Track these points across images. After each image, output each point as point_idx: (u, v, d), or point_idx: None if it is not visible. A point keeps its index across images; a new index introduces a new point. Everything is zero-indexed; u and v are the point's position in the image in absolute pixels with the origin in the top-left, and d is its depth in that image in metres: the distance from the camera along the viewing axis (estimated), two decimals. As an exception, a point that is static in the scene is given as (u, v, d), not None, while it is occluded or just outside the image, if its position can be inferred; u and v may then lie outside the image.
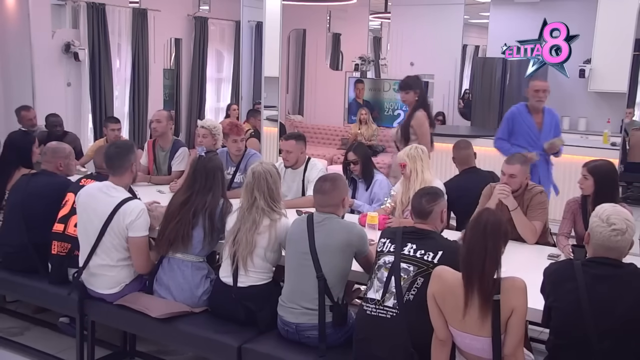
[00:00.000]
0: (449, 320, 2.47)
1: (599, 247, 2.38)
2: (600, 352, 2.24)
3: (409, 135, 4.92)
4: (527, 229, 3.61)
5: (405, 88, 5.08)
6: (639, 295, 2.27)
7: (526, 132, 4.87)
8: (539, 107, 4.85)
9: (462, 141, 4.68)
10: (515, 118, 4.92)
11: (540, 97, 4.81)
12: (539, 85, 4.86)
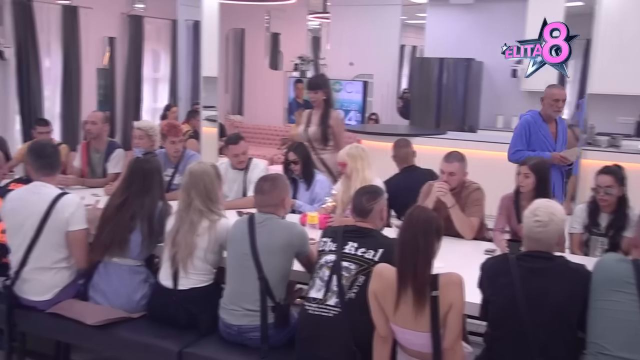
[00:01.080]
0: (390, 317, 2.50)
1: (526, 238, 2.49)
2: (535, 343, 2.31)
3: (328, 135, 4.93)
4: (464, 225, 3.69)
5: (315, 88, 4.98)
6: (569, 287, 2.37)
7: (542, 141, 4.58)
8: (555, 116, 4.62)
9: (401, 140, 4.73)
10: (531, 127, 4.60)
11: (560, 107, 4.55)
12: (559, 95, 4.52)
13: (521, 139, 4.58)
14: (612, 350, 2.19)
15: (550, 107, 4.53)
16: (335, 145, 4.92)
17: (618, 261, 2.37)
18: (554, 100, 4.49)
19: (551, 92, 4.54)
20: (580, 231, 3.64)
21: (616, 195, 3.51)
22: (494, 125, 9.14)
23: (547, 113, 4.57)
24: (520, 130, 4.61)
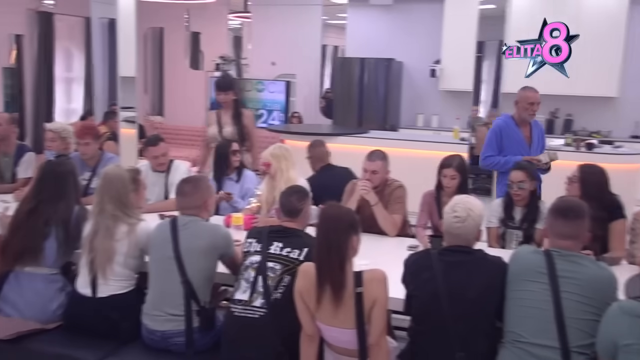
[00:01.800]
0: (316, 315, 2.50)
1: (446, 234, 2.57)
2: (456, 335, 2.38)
3: (245, 135, 4.91)
4: (388, 222, 3.75)
5: (225, 89, 4.92)
6: (488, 279, 2.45)
7: (516, 146, 4.44)
8: (530, 120, 4.50)
9: (315, 140, 4.78)
10: (502, 132, 4.46)
11: (535, 110, 4.44)
12: (534, 98, 4.41)
13: (492, 145, 4.45)
14: (527, 338, 2.28)
15: (525, 111, 4.42)
16: (250, 145, 4.94)
17: (531, 253, 2.48)
18: (529, 103, 4.39)
19: (526, 95, 4.43)
20: (497, 225, 3.77)
21: (528, 190, 3.67)
22: (415, 124, 9.38)
23: (521, 117, 4.46)
24: (490, 137, 4.49)
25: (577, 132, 8.41)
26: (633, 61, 8.37)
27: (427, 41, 9.14)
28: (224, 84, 4.98)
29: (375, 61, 9.14)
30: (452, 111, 8.96)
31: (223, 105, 4.95)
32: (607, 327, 2.10)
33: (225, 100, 4.91)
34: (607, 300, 2.22)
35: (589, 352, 2.21)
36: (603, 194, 3.48)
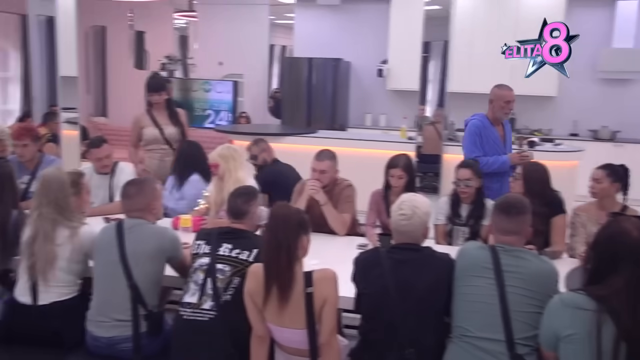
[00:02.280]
0: (266, 316, 2.48)
1: (394, 231, 2.60)
2: (406, 331, 2.40)
3: (184, 135, 4.86)
4: (337, 221, 3.76)
5: (159, 89, 4.83)
6: (435, 275, 2.49)
7: (492, 145, 4.38)
8: (504, 119, 4.48)
9: (256, 139, 4.83)
10: (482, 132, 4.38)
11: (511, 109, 4.42)
12: (510, 96, 4.37)
13: (476, 145, 4.33)
14: (474, 332, 2.33)
15: (501, 110, 4.37)
16: None
17: (477, 248, 2.53)
18: (505, 102, 4.35)
19: (502, 94, 4.38)
20: (444, 222, 3.84)
21: (474, 187, 3.75)
22: (363, 123, 9.45)
23: (496, 116, 4.40)
24: (472, 137, 4.37)
25: (520, 131, 8.65)
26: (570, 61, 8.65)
27: (374, 41, 9.24)
28: (156, 85, 4.90)
29: (323, 61, 9.17)
30: (399, 110, 9.08)
31: (154, 106, 4.86)
32: (549, 319, 2.16)
33: (159, 101, 4.83)
34: (549, 292, 2.29)
35: (533, 343, 2.27)
36: (545, 190, 3.59)
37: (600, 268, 2.10)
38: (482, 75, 8.69)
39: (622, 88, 8.63)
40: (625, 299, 1.98)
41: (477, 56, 8.71)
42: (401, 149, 4.61)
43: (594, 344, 1.98)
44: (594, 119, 8.74)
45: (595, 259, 2.14)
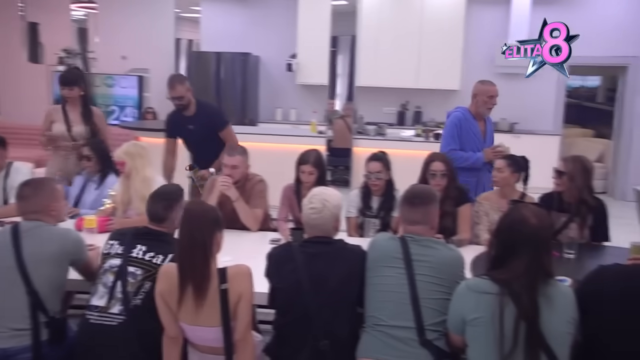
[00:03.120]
0: (179, 316, 2.42)
1: (306, 225, 2.62)
2: (320, 323, 2.42)
3: (97, 133, 4.65)
4: (249, 217, 3.73)
5: (69, 84, 4.55)
6: (348, 267, 2.52)
7: (472, 139, 4.39)
8: (487, 114, 4.48)
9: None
10: (462, 125, 4.38)
11: (494, 104, 4.43)
12: (494, 91, 4.38)
13: (454, 138, 4.35)
14: (386, 321, 2.38)
15: (484, 105, 4.39)
16: None
17: (388, 239, 2.58)
18: (489, 97, 4.37)
19: (486, 89, 4.40)
20: (355, 215, 3.90)
21: (385, 179, 3.83)
22: (274, 118, 9.44)
23: (479, 110, 4.43)
24: (451, 130, 4.39)
25: (426, 123, 8.95)
26: (471, 56, 9.05)
27: (283, 35, 9.22)
28: (67, 79, 4.61)
29: (232, 55, 9.06)
30: (309, 105, 9.13)
31: (68, 101, 4.59)
32: (456, 304, 2.24)
33: (70, 96, 4.55)
34: (456, 279, 2.38)
35: (441, 328, 2.35)
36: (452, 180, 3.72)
37: (502, 253, 2.19)
38: (389, 69, 8.93)
39: (518, 82, 9.09)
40: (525, 281, 2.09)
41: (384, 51, 8.91)
42: (312, 143, 4.65)
43: (497, 326, 2.07)
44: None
45: (497, 245, 2.23)
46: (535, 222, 2.15)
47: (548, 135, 8.95)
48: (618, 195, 8.86)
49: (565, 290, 2.17)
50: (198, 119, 4.66)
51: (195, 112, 4.68)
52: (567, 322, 2.10)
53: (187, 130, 4.66)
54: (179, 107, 4.66)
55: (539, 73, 3.49)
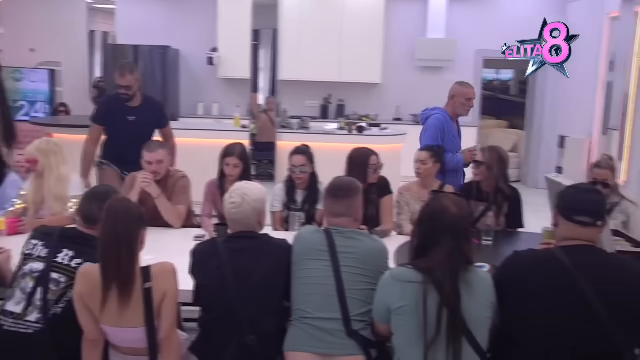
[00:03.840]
0: (99, 318, 2.34)
1: (229, 221, 2.59)
2: (246, 319, 2.40)
3: None
4: (172, 214, 3.65)
5: None
6: (273, 261, 2.51)
7: (452, 141, 4.40)
8: (464, 115, 4.49)
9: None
10: (444, 126, 4.35)
11: (471, 106, 4.45)
12: (472, 94, 4.42)
13: (436, 140, 4.29)
14: (312, 313, 2.39)
15: (462, 106, 4.40)
16: None
17: (313, 232, 2.59)
18: (467, 99, 4.38)
19: (465, 91, 4.40)
20: (280, 209, 3.89)
21: (309, 173, 3.83)
22: (195, 113, 9.26)
23: (456, 112, 4.42)
24: (435, 132, 4.33)
25: (349, 117, 9.05)
26: (392, 50, 9.23)
27: (203, 28, 9.06)
28: None
29: (150, 49, 8.80)
30: (232, 99, 9.02)
31: None
32: (381, 293, 2.28)
33: None
34: (380, 269, 2.41)
35: (367, 318, 2.38)
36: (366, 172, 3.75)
37: (425, 243, 2.24)
38: (311, 63, 8.96)
39: (437, 75, 9.37)
40: (448, 269, 2.15)
41: (306, 44, 8.92)
42: (235, 138, 4.58)
43: (421, 313, 2.12)
44: (415, 104, 9.38)
45: (419, 234, 2.28)
46: (455, 211, 2.21)
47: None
48: (531, 184, 9.30)
49: (484, 276, 2.25)
50: (142, 111, 4.53)
51: (140, 104, 4.55)
52: (487, 306, 2.17)
53: (127, 120, 4.49)
54: (123, 97, 4.48)
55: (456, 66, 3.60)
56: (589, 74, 7.84)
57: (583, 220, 2.18)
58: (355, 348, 2.34)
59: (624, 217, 3.72)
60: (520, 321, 2.16)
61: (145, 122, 4.51)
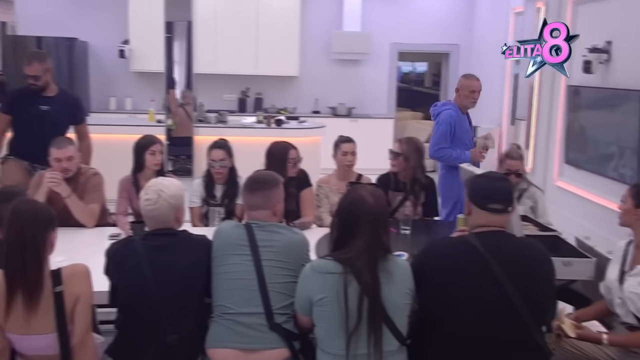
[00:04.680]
0: (4, 326, 2.21)
1: (145, 218, 2.51)
2: (166, 318, 2.35)
3: None
4: (85, 213, 3.51)
5: None
6: (194, 258, 2.46)
7: (464, 135, 4.41)
8: (471, 107, 4.47)
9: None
10: (455, 122, 4.36)
11: (476, 98, 4.42)
12: (476, 86, 4.39)
13: (445, 137, 4.34)
14: (234, 309, 2.36)
15: (466, 99, 4.41)
16: None
17: (233, 227, 2.56)
18: (470, 91, 4.38)
19: (468, 84, 4.41)
20: (199, 204, 3.82)
21: (228, 167, 3.79)
22: (107, 108, 8.94)
23: (463, 104, 4.44)
24: (445, 128, 4.35)
25: (267, 110, 9.02)
26: (308, 44, 9.26)
27: (113, 20, 8.73)
28: None
29: (55, 40, 8.36)
30: (145, 93, 8.77)
31: None
32: (302, 286, 2.28)
33: None
34: (301, 262, 2.42)
35: (289, 311, 2.38)
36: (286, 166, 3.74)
37: (344, 234, 2.27)
38: (228, 56, 8.85)
39: (353, 68, 9.50)
40: (366, 259, 2.18)
41: (222, 37, 8.80)
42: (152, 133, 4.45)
43: (342, 304, 2.14)
44: (332, 96, 9.48)
45: (338, 226, 2.30)
46: (372, 202, 2.25)
47: (383, 119, 9.45)
48: (445, 173, 9.62)
49: (402, 264, 2.30)
50: (57, 102, 4.34)
51: (55, 94, 4.37)
52: (406, 294, 2.23)
53: (39, 110, 4.28)
54: (32, 88, 4.26)
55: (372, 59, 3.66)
56: (497, 66, 8.20)
57: (495, 207, 2.27)
58: (278, 341, 2.33)
59: (532, 203, 3.91)
60: (438, 306, 2.23)
61: (60, 113, 4.33)
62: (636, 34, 5.05)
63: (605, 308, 2.75)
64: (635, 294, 2.44)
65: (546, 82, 6.66)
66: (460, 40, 9.46)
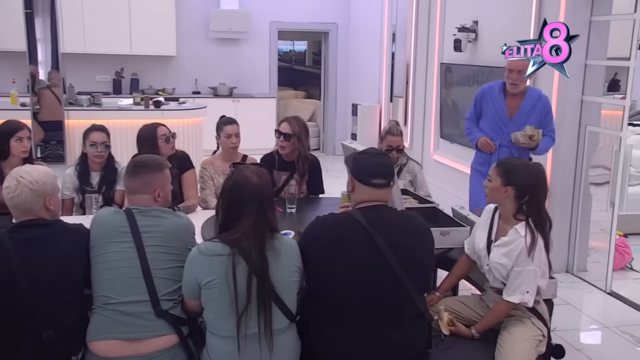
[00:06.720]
0: None
1: (10, 209, 2.34)
2: (41, 314, 2.21)
3: None
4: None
5: None
6: (70, 249, 2.32)
7: (493, 116, 4.13)
8: (513, 90, 4.07)
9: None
10: (484, 98, 4.19)
11: (514, 79, 3.99)
12: (513, 65, 3.94)
13: (473, 107, 4.29)
14: (117, 298, 2.26)
15: (506, 78, 4.08)
16: None
17: (112, 214, 2.44)
18: (508, 70, 4.03)
19: (507, 62, 4.01)
20: (71, 196, 3.62)
21: (107, 152, 3.62)
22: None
23: (507, 84, 4.12)
24: (473, 100, 4.31)
25: (145, 91, 8.66)
26: (185, 22, 8.98)
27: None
28: None
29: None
30: (6, 74, 8.09)
31: None
32: (189, 270, 2.23)
33: None
34: (187, 245, 2.36)
35: (176, 297, 2.32)
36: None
37: (230, 215, 2.24)
38: (99, 35, 8.38)
39: (233, 47, 9.34)
40: (253, 238, 2.17)
41: (91, 15, 8.31)
42: (15, 117, 4.11)
43: (231, 285, 2.12)
44: (213, 77, 9.29)
45: (224, 207, 2.27)
46: (256, 181, 2.24)
47: (265, 98, 9.41)
48: (329, 151, 9.80)
49: (289, 242, 2.31)
50: None
51: None
52: (294, 271, 2.24)
53: None
54: None
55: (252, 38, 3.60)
56: (375, 47, 8.42)
57: (378, 182, 2.33)
58: (165, 328, 2.27)
59: (411, 177, 4.08)
60: (325, 280, 2.26)
61: None
62: (499, 13, 5.39)
63: (463, 268, 2.87)
64: (500, 264, 2.60)
65: (421, 60, 6.94)
66: (339, 20, 9.59)
